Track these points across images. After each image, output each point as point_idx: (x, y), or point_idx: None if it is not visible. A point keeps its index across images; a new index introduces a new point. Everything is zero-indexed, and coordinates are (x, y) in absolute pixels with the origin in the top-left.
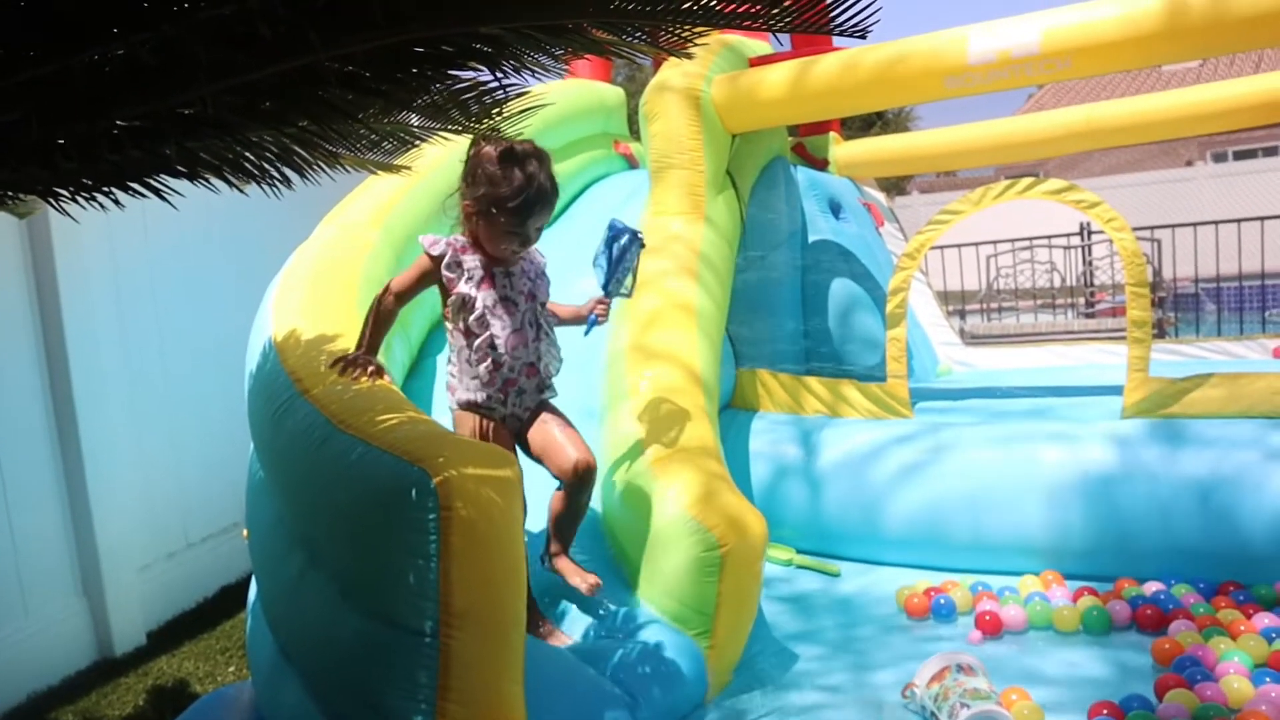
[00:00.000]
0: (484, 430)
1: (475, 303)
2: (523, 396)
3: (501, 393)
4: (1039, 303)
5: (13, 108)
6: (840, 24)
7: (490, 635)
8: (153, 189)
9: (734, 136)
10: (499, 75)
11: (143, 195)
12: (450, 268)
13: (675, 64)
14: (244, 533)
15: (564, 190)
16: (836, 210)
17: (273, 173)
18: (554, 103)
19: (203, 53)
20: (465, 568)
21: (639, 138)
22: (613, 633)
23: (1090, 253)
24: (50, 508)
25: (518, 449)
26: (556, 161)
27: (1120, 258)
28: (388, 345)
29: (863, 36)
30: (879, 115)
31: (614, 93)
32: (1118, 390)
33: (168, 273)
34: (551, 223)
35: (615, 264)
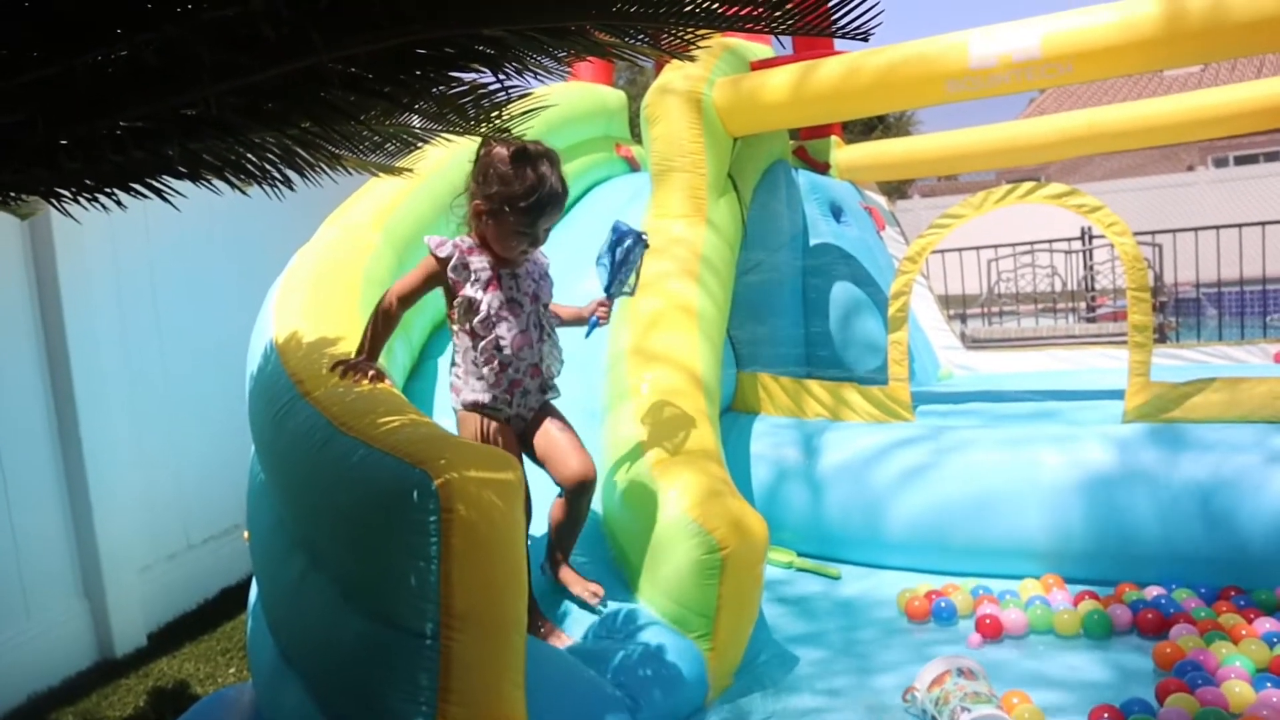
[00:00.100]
0: (489, 431)
1: (482, 304)
2: (527, 397)
3: (507, 394)
4: (1040, 307)
5: (17, 109)
6: (842, 27)
7: (491, 637)
8: (155, 190)
9: (735, 140)
10: (501, 77)
11: (145, 196)
12: (457, 270)
13: (677, 67)
14: (245, 534)
15: None
16: (838, 214)
17: (275, 174)
18: (556, 105)
19: (206, 54)
20: (466, 570)
21: (640, 140)
22: (613, 634)
23: (1091, 257)
24: (51, 509)
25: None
26: None
27: (1121, 262)
28: (389, 347)
29: (864, 39)
30: (880, 119)
31: (616, 95)
32: (1119, 395)
33: (169, 274)
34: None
35: (619, 266)
